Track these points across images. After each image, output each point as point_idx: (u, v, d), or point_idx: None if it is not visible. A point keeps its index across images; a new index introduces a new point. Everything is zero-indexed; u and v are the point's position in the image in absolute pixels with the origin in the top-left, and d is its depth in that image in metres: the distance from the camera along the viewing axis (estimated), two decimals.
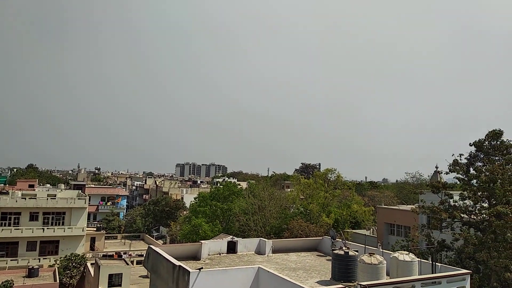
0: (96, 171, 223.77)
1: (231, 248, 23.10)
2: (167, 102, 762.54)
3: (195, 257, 21.28)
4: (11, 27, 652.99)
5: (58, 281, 38.63)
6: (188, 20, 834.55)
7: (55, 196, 55.70)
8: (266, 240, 24.07)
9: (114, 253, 51.58)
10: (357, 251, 17.74)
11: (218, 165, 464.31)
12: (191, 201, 61.19)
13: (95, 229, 62.80)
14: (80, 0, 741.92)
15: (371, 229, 51.08)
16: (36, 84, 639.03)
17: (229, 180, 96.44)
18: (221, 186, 59.33)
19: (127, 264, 38.67)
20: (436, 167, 51.33)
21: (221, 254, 22.48)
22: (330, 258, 18.57)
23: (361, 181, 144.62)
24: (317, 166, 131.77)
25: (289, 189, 72.67)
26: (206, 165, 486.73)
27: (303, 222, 41.01)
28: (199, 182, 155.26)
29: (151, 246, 20.86)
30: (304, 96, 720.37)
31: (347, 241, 22.58)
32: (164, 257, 17.89)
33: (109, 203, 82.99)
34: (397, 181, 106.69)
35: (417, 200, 43.57)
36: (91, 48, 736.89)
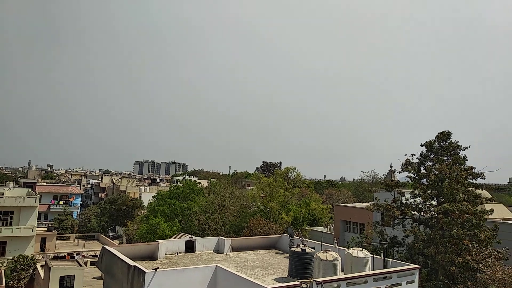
0: (49, 168, 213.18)
1: (189, 247, 22.83)
2: (126, 98, 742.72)
3: (152, 257, 20.83)
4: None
5: (4, 284, 36.49)
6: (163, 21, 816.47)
7: (3, 194, 52.48)
8: (225, 238, 24.01)
9: (66, 254, 49.46)
10: (313, 248, 18.09)
11: (179, 163, 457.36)
12: (149, 200, 59.83)
13: (46, 229, 59.82)
14: (68, 7, 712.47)
15: (329, 227, 52.34)
16: None
17: (189, 178, 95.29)
18: (181, 185, 58.44)
19: (80, 265, 37.23)
20: (391, 167, 53.57)
21: (179, 254, 22.15)
22: (288, 255, 18.81)
23: (320, 179, 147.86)
24: (278, 165, 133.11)
25: (249, 188, 72.93)
26: (166, 163, 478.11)
27: (262, 220, 41.27)
28: (158, 180, 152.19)
29: (105, 246, 20.18)
30: (267, 98, 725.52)
31: (304, 239, 23.00)
32: (118, 257, 17.35)
33: (61, 202, 79.27)
34: (354, 179, 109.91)
35: (372, 198, 45.20)
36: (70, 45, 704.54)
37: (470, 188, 27.36)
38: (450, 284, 25.38)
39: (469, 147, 28.37)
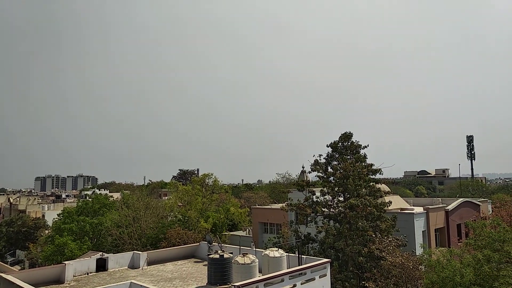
0: None
1: (101, 265, 21.46)
2: (22, 106, 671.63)
3: (58, 280, 19.16)
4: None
5: None
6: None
7: None
8: (141, 252, 23.08)
9: None
10: (231, 253, 18.26)
11: (87, 176, 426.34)
12: (54, 219, 54.86)
13: None
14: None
15: (247, 230, 53.17)
16: None
17: (99, 192, 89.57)
18: (90, 199, 54.60)
19: None
20: (303, 167, 56.24)
21: (90, 274, 20.70)
22: (207, 263, 18.70)
23: (238, 183, 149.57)
24: (195, 172, 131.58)
25: (166, 197, 70.92)
26: (72, 177, 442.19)
27: (181, 230, 40.42)
28: (64, 196, 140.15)
29: (2, 274, 18.02)
30: (180, 100, 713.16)
31: (223, 244, 23.11)
32: (18, 285, 15.65)
33: None
34: (270, 181, 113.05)
35: (287, 198, 47.03)
36: None
37: (371, 183, 30.00)
38: (359, 273, 27.49)
39: (368, 146, 31.14)
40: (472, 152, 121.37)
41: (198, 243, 26.80)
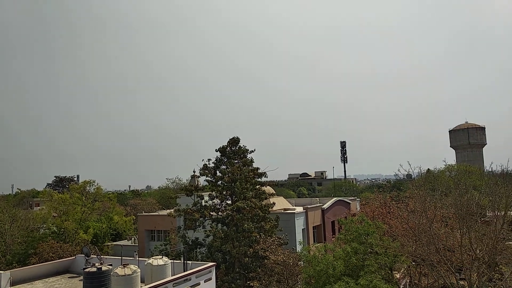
0: None
1: None
2: None
3: None
4: None
5: None
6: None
7: None
8: (2, 271, 20.17)
9: None
10: (111, 264, 17.16)
11: None
12: None
13: None
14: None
15: (133, 238, 50.67)
16: None
17: None
18: None
19: None
20: (194, 172, 55.99)
21: None
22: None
23: (125, 190, 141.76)
24: (75, 179, 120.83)
25: (39, 208, 63.59)
26: None
27: (55, 243, 36.76)
28: None
29: None
30: (58, 97, 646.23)
31: (104, 256, 21.59)
32: None
33: None
34: (159, 187, 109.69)
35: (175, 204, 46.10)
36: None
37: (257, 186, 31.24)
38: (245, 274, 28.32)
39: (254, 150, 32.40)
40: (345, 156, 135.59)
41: (74, 257, 24.54)
